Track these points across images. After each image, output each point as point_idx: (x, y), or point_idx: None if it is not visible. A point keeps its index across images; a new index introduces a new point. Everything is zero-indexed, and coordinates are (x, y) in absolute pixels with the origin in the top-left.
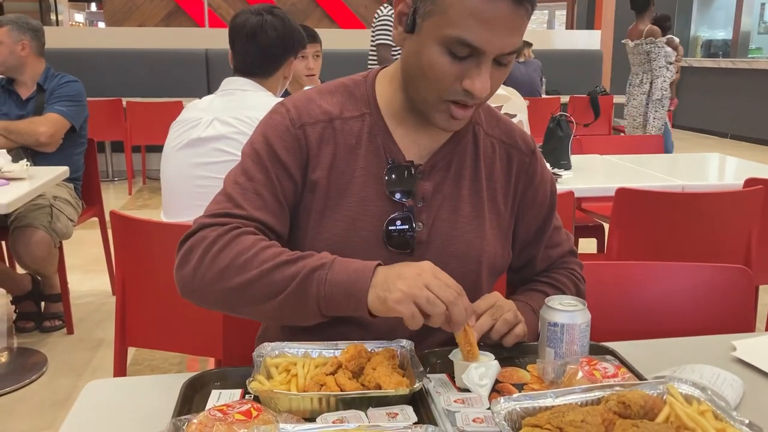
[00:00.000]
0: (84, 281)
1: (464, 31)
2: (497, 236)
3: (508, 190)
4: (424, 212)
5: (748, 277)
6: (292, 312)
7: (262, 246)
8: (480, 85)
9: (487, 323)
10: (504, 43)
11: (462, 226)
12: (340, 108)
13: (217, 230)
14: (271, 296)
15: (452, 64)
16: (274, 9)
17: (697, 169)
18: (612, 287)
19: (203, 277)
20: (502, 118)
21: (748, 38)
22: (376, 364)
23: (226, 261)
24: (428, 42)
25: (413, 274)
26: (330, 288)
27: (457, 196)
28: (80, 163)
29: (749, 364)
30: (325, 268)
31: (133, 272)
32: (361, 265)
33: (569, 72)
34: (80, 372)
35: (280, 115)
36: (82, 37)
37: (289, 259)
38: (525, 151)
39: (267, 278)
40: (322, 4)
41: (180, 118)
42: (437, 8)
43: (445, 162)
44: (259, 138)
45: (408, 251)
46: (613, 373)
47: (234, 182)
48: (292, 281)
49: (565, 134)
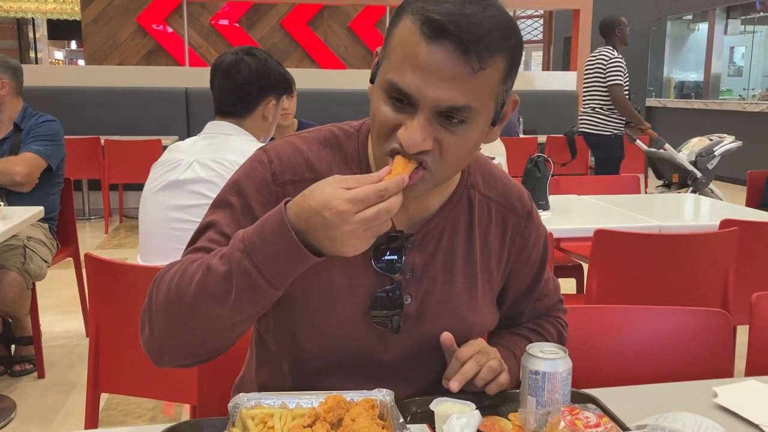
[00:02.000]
0: (57, 322)
1: (398, 75)
2: (488, 304)
3: (502, 255)
4: (413, 285)
5: (727, 320)
6: (254, 304)
7: (185, 266)
8: (407, 137)
9: (472, 370)
10: (439, 95)
11: (454, 300)
12: (328, 165)
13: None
14: (220, 303)
15: (392, 112)
16: (254, 50)
17: (673, 210)
18: (592, 331)
19: (158, 325)
20: (500, 177)
21: (719, 80)
22: (356, 415)
23: (162, 298)
24: (377, 89)
25: (329, 215)
26: (269, 268)
27: (449, 268)
28: (56, 202)
29: (731, 411)
30: (248, 255)
31: (107, 316)
32: (275, 225)
33: (546, 112)
34: (51, 419)
35: (261, 166)
36: (61, 75)
37: (211, 262)
38: (521, 213)
39: (205, 291)
40: (303, 45)
41: (161, 160)
42: (386, 53)
43: (438, 231)
44: (234, 188)
45: (392, 319)
46: (595, 422)
47: (204, 232)
48: (230, 281)
49: (543, 175)
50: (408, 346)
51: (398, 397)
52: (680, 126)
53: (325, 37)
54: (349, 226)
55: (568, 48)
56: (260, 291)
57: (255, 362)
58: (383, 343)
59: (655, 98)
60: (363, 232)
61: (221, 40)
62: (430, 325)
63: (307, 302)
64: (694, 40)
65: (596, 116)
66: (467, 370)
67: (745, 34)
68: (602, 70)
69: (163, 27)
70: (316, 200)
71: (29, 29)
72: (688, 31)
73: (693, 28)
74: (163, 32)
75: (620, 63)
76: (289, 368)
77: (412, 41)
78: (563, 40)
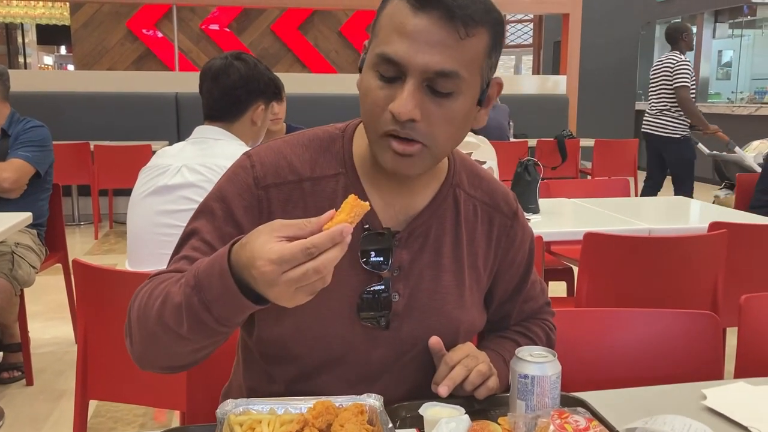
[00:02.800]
0: (46, 329)
1: (386, 46)
2: (476, 303)
3: (489, 255)
4: (400, 282)
5: (716, 323)
6: (209, 336)
7: (154, 288)
8: (399, 104)
9: (461, 374)
10: (427, 59)
11: (441, 297)
12: (311, 166)
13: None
14: (176, 332)
15: (382, 88)
16: (244, 55)
17: (662, 213)
18: (581, 335)
19: (135, 337)
20: (485, 177)
21: (708, 84)
22: (344, 421)
23: (135, 315)
24: (365, 70)
25: (262, 267)
26: (216, 308)
27: (437, 265)
28: (44, 208)
29: (720, 413)
30: (197, 292)
31: (95, 322)
32: (218, 269)
33: (536, 116)
34: (39, 426)
35: (243, 171)
36: (51, 81)
37: (171, 290)
38: (507, 213)
39: (162, 320)
40: (294, 49)
41: (149, 165)
42: (374, 34)
43: (425, 228)
44: (217, 194)
45: (381, 320)
46: (584, 426)
47: (187, 239)
48: (181, 313)
49: (533, 178)
50: (396, 344)
51: (388, 398)
52: None
53: (315, 42)
54: (277, 287)
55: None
56: (210, 328)
57: (242, 367)
58: (372, 341)
59: (645, 102)
60: (293, 292)
61: (211, 44)
62: (418, 322)
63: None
64: None
65: (664, 119)
66: (456, 374)
67: (733, 37)
68: (669, 73)
69: (153, 32)
70: (247, 255)
71: (18, 34)
72: None
73: None
74: (153, 37)
75: (687, 66)
76: (277, 371)
77: (400, 14)
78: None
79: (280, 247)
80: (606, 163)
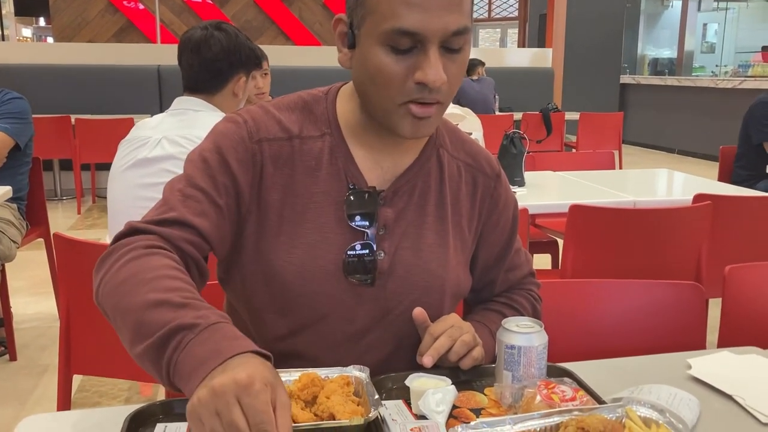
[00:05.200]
0: (29, 305)
1: (398, 20)
2: (461, 263)
3: (473, 215)
4: (386, 240)
5: (700, 293)
6: (147, 365)
7: (164, 273)
8: (433, 73)
9: (446, 344)
10: (444, 22)
11: (425, 255)
12: (299, 126)
13: (139, 240)
14: (138, 337)
15: (398, 62)
16: (223, 24)
17: (647, 185)
18: (566, 306)
19: (105, 287)
20: (467, 140)
21: (692, 57)
22: (330, 393)
23: (123, 276)
24: (369, 47)
25: (214, 389)
26: (183, 357)
27: (421, 223)
28: (25, 182)
29: (704, 382)
30: (194, 331)
31: (78, 296)
32: (226, 345)
33: (522, 89)
34: (23, 401)
35: (235, 125)
36: (30, 53)
37: (177, 302)
38: (490, 174)
39: (145, 313)
40: (278, 21)
41: (128, 137)
42: (368, 10)
43: (409, 187)
44: (209, 145)
45: (368, 281)
46: (571, 396)
47: (173, 189)
48: (160, 329)
49: (519, 151)
50: (381, 301)
51: (373, 357)
52: (654, 103)
53: (299, 14)
54: (208, 400)
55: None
56: (160, 363)
57: None
58: (357, 297)
59: (630, 75)
60: (197, 415)
61: (194, 16)
62: (402, 280)
63: (279, 262)
64: (668, 18)
65: None
66: (440, 344)
67: (717, 11)
68: None
69: (134, 3)
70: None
71: None
72: (662, 8)
73: (667, 5)
74: (134, 9)
75: None
76: (263, 330)
77: None
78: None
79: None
80: (591, 136)
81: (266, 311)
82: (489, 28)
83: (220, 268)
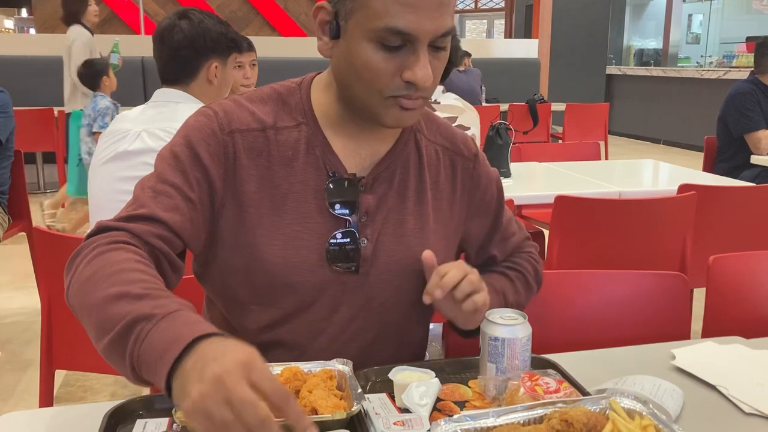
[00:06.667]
0: (13, 299)
1: (391, 19)
2: (444, 247)
3: (454, 198)
4: (368, 227)
5: (685, 283)
6: (115, 361)
7: (125, 267)
8: (422, 74)
9: (457, 276)
10: (435, 24)
11: (407, 241)
12: (273, 117)
13: (105, 238)
14: (100, 333)
15: (387, 59)
16: (190, 12)
17: (632, 176)
18: (551, 296)
19: (73, 287)
20: (442, 123)
21: (678, 48)
22: (313, 387)
23: (87, 274)
24: (357, 41)
25: (215, 377)
26: (145, 348)
27: (401, 209)
28: (6, 176)
29: (688, 372)
30: (151, 321)
31: (59, 290)
32: (186, 331)
33: (508, 80)
34: (6, 397)
35: (206, 117)
36: (11, 44)
37: (136, 293)
38: (468, 156)
39: (105, 308)
40: (263, 12)
41: (108, 130)
42: (358, 4)
43: (389, 173)
44: (180, 140)
45: (352, 268)
46: (555, 388)
47: (144, 186)
48: (119, 323)
49: (505, 142)
50: (365, 288)
51: (356, 346)
52: (640, 93)
53: (285, 5)
54: (212, 391)
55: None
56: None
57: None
58: (341, 285)
59: (615, 66)
60: (205, 410)
61: (178, 7)
62: (385, 267)
63: (261, 254)
64: (653, 9)
65: None
66: (449, 278)
67: (703, 1)
68: None
69: None
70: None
71: None
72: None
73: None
74: (118, 0)
75: None
76: (245, 321)
77: None
78: (525, 8)
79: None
80: (577, 127)
81: (248, 303)
82: (476, 19)
83: (196, 263)
